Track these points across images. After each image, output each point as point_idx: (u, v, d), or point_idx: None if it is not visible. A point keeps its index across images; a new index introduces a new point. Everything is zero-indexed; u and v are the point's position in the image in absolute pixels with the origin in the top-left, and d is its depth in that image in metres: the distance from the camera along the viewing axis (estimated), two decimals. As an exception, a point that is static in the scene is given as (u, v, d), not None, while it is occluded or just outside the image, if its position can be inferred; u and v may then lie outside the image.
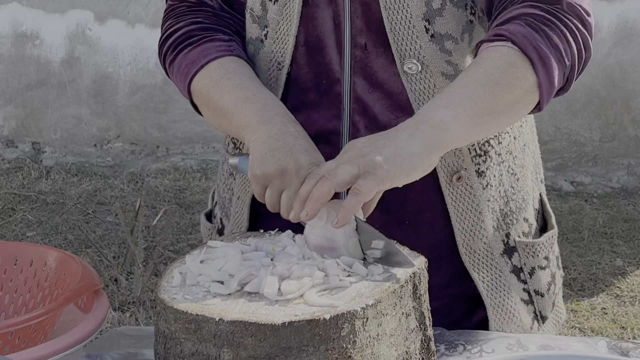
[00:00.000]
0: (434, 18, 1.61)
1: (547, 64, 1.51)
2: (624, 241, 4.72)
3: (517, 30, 1.51)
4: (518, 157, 1.76)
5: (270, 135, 1.52)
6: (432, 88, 1.64)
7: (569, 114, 5.43)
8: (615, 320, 3.99)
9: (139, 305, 3.99)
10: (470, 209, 1.69)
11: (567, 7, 1.55)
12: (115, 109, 5.61)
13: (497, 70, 1.49)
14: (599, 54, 5.33)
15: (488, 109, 1.48)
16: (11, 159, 5.63)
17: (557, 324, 1.88)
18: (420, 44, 1.62)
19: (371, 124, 1.66)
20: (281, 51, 1.69)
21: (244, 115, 1.58)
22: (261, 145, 1.51)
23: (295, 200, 1.41)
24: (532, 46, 1.50)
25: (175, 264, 1.41)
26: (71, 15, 5.54)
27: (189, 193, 5.24)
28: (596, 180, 5.44)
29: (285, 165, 1.47)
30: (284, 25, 1.68)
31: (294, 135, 1.53)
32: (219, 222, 1.86)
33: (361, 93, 1.66)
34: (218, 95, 1.63)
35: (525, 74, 1.50)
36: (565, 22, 1.54)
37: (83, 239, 4.62)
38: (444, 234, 1.70)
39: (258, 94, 1.61)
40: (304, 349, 1.22)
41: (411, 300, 1.33)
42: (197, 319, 1.24)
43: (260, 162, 1.49)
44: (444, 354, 1.58)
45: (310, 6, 1.67)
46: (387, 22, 1.62)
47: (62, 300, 1.46)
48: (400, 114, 1.65)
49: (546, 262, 1.81)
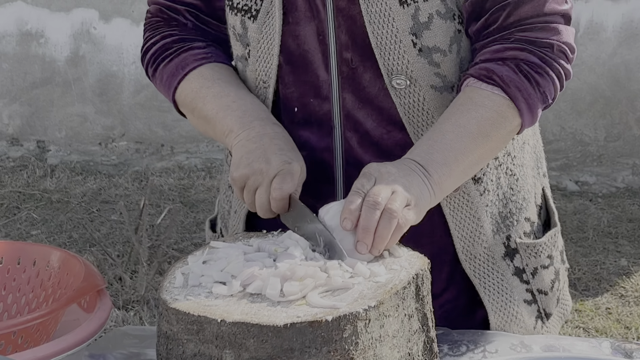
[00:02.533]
0: (422, 32, 1.59)
1: (534, 110, 1.58)
2: (629, 241, 4.71)
3: (509, 78, 1.56)
4: (517, 157, 1.75)
5: (248, 139, 1.57)
6: (422, 102, 1.63)
7: (574, 113, 5.42)
8: (619, 320, 3.98)
9: (143, 304, 3.99)
10: (469, 216, 1.69)
11: (557, 50, 1.60)
12: (120, 107, 5.61)
13: (488, 123, 1.55)
14: (604, 54, 5.32)
15: (477, 159, 1.57)
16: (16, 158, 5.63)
17: (562, 318, 1.87)
18: (408, 58, 1.60)
19: (363, 140, 1.66)
20: (265, 70, 1.69)
21: (225, 123, 1.62)
22: (239, 149, 1.57)
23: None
24: (523, 97, 1.56)
25: (178, 264, 1.41)
26: (76, 13, 5.54)
27: (193, 192, 5.23)
28: (601, 180, 5.43)
29: (258, 166, 1.52)
30: (265, 44, 1.67)
31: (270, 136, 1.57)
32: (219, 232, 1.88)
33: (351, 109, 1.66)
34: (200, 104, 1.67)
35: (512, 121, 1.58)
36: (554, 66, 1.59)
37: (87, 237, 4.62)
38: (444, 242, 1.70)
39: (238, 100, 1.64)
40: (306, 351, 1.22)
41: (414, 301, 1.33)
42: (199, 320, 1.24)
43: (236, 165, 1.55)
44: (447, 354, 1.57)
45: (290, 24, 1.65)
46: (372, 37, 1.60)
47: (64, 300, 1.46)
48: (392, 128, 1.65)
49: (549, 260, 1.79)
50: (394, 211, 1.40)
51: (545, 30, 1.59)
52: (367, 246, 1.38)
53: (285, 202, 1.50)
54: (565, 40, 1.60)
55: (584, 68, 5.33)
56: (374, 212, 1.39)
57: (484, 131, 1.55)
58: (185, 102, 1.70)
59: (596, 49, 5.33)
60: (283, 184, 1.50)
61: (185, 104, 1.71)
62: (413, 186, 1.46)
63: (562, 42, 1.60)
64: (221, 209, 1.87)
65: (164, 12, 1.78)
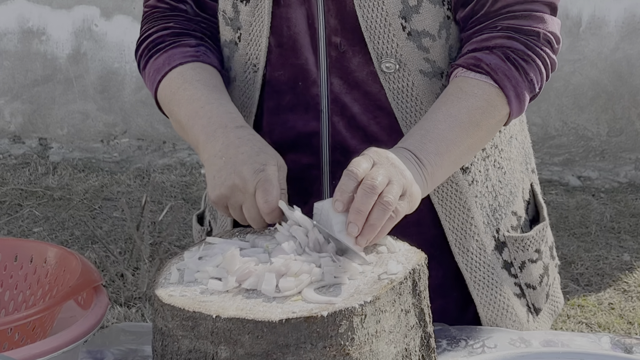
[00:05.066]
0: (411, 15, 1.60)
1: (521, 98, 1.60)
2: (632, 236, 4.70)
3: (497, 66, 1.58)
4: (504, 150, 1.75)
5: (214, 154, 1.54)
6: (411, 86, 1.63)
7: (576, 108, 5.42)
8: (622, 315, 3.98)
9: (145, 301, 3.99)
10: (458, 206, 1.69)
11: (543, 38, 1.61)
12: (122, 104, 5.62)
13: (478, 112, 1.57)
14: (606, 49, 5.31)
15: (467, 148, 1.58)
16: (18, 155, 5.64)
17: (552, 314, 1.87)
18: (397, 42, 1.61)
19: (350, 125, 1.66)
20: (255, 53, 1.68)
21: (193, 133, 1.61)
22: (209, 168, 1.55)
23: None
24: (511, 85, 1.58)
25: (174, 260, 1.40)
26: (77, 11, 5.54)
27: (195, 189, 5.24)
28: (603, 175, 5.42)
29: (232, 183, 1.49)
30: (256, 27, 1.67)
31: (235, 145, 1.53)
32: (208, 224, 1.87)
33: (339, 93, 1.66)
34: (176, 108, 1.66)
35: (501, 110, 1.59)
36: (540, 54, 1.61)
37: (89, 234, 4.62)
38: (432, 233, 1.69)
39: (206, 106, 1.61)
40: (302, 346, 1.21)
41: (410, 296, 1.32)
42: (194, 316, 1.24)
43: (211, 187, 1.53)
44: (446, 349, 1.57)
45: (282, 6, 1.65)
46: (362, 20, 1.60)
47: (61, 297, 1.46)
48: (379, 113, 1.65)
49: (537, 255, 1.79)
50: (389, 203, 1.39)
51: (530, 19, 1.61)
52: (358, 228, 1.37)
53: (277, 212, 1.47)
54: (550, 30, 1.62)
55: (586, 63, 5.32)
56: (370, 196, 1.38)
57: (474, 120, 1.56)
58: (164, 103, 1.70)
59: (598, 43, 5.32)
60: (267, 196, 1.46)
61: (164, 104, 1.70)
62: (408, 175, 1.45)
63: (547, 31, 1.61)
64: (209, 202, 1.86)
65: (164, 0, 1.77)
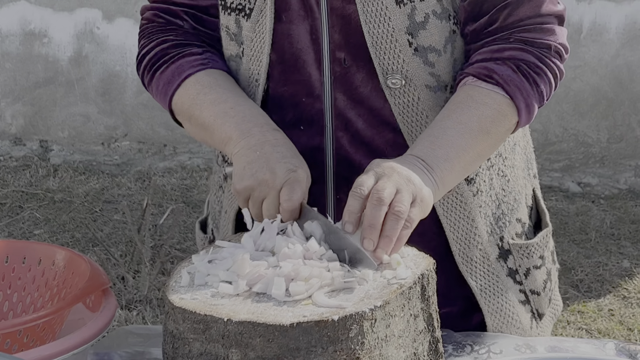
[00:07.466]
0: (417, 31, 1.60)
1: (531, 109, 1.61)
2: (631, 242, 4.71)
3: (509, 77, 1.59)
4: (508, 158, 1.76)
5: (249, 147, 1.54)
6: (417, 101, 1.64)
7: (577, 115, 5.42)
8: (622, 321, 3.98)
9: (146, 304, 3.99)
10: (463, 217, 1.69)
11: (554, 50, 1.63)
12: (123, 107, 5.62)
13: (488, 120, 1.58)
14: (607, 55, 5.32)
15: (477, 155, 1.58)
16: (19, 157, 5.63)
17: (553, 318, 1.88)
18: (403, 58, 1.61)
19: (354, 140, 1.66)
20: (257, 69, 1.68)
21: (224, 130, 1.59)
22: (240, 158, 1.54)
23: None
24: (522, 96, 1.59)
25: (184, 263, 1.41)
26: (79, 13, 5.54)
27: (196, 192, 5.24)
28: (603, 182, 5.43)
29: (262, 177, 1.49)
30: (257, 43, 1.67)
31: (272, 143, 1.54)
32: (210, 233, 1.87)
33: (343, 108, 1.66)
34: (198, 112, 1.64)
35: (511, 120, 1.61)
36: (551, 66, 1.63)
37: (90, 237, 4.62)
38: (436, 242, 1.69)
39: (236, 107, 1.61)
40: (312, 350, 1.22)
41: (419, 301, 1.33)
42: (205, 319, 1.24)
43: (239, 176, 1.52)
44: (452, 355, 1.58)
45: (284, 22, 1.65)
46: (368, 36, 1.61)
47: (70, 299, 1.46)
48: (383, 128, 1.66)
49: (541, 261, 1.80)
50: (401, 212, 1.39)
51: (542, 31, 1.63)
52: (374, 242, 1.37)
53: (296, 212, 1.47)
54: (560, 41, 1.64)
55: (586, 69, 5.33)
56: (379, 208, 1.38)
57: (484, 128, 1.57)
58: (181, 110, 1.68)
59: (599, 50, 5.33)
60: (292, 194, 1.47)
61: (181, 112, 1.68)
62: (417, 181, 1.45)
63: (558, 42, 1.64)
64: (212, 210, 1.86)
65: (160, 15, 1.75)
